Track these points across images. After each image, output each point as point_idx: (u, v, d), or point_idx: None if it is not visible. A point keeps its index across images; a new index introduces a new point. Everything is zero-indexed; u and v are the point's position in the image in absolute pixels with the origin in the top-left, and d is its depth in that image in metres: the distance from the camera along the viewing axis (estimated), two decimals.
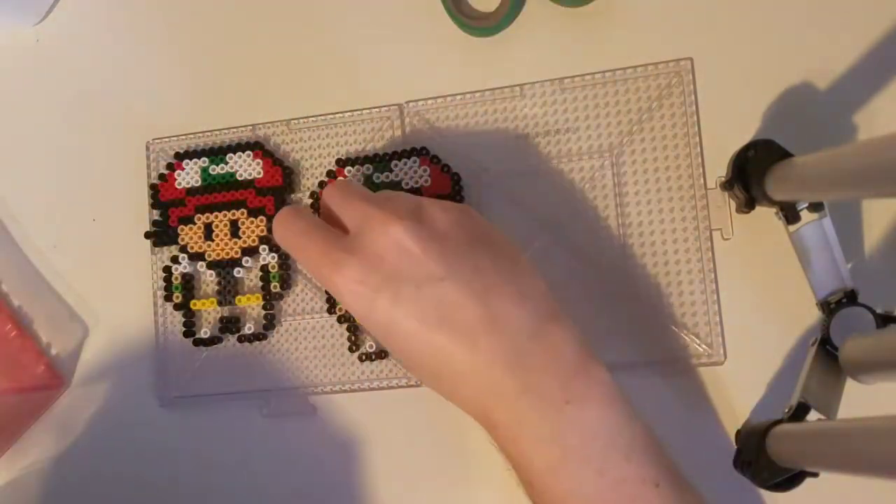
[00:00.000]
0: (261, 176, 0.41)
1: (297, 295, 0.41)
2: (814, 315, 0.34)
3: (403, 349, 0.31)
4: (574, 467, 0.29)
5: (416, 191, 0.39)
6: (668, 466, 0.30)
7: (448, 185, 0.38)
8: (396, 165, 0.39)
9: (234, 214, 0.41)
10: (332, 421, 0.40)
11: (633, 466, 0.29)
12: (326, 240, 0.32)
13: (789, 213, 0.33)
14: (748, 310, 0.35)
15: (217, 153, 0.42)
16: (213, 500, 0.41)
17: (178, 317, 0.42)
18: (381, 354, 0.39)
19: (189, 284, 0.42)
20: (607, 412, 0.29)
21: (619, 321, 0.36)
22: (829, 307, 0.33)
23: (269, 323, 0.40)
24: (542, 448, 0.29)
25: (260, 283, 0.41)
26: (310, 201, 0.40)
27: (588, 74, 0.38)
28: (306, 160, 0.41)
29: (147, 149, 0.43)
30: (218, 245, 0.41)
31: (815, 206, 0.33)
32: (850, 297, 0.33)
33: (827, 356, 0.33)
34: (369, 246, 0.31)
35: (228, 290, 0.41)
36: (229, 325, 0.41)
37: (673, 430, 0.36)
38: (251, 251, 0.41)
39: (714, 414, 0.35)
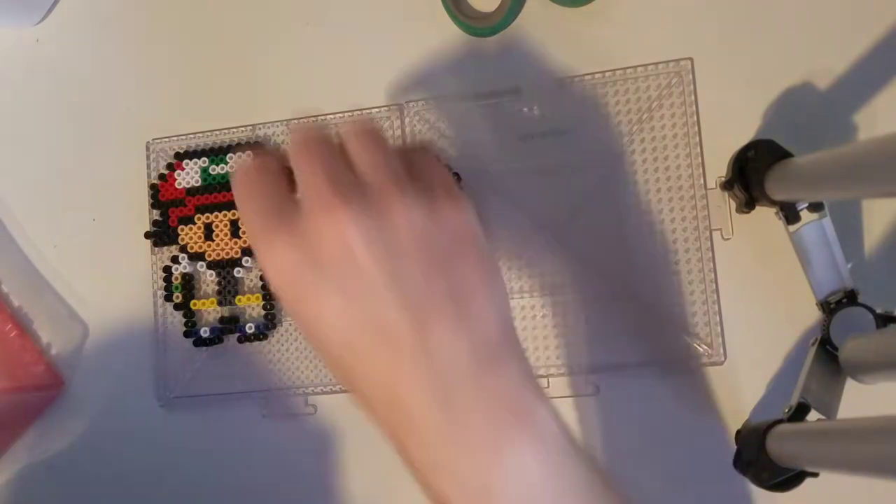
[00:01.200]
0: None
1: None
2: (814, 315, 0.34)
3: (325, 351, 0.28)
4: None
5: None
6: (612, 502, 0.28)
7: None
8: None
9: (234, 214, 0.41)
10: (332, 421, 0.40)
11: None
12: (269, 211, 0.28)
13: (789, 213, 0.33)
14: (748, 310, 0.35)
15: (217, 153, 0.42)
16: (213, 499, 0.41)
17: (178, 317, 0.42)
18: None
19: (189, 284, 0.42)
20: (541, 458, 0.27)
21: (620, 321, 0.36)
22: (829, 307, 0.33)
23: (270, 323, 0.40)
24: (468, 493, 0.26)
25: (260, 283, 0.41)
26: None
27: (588, 74, 0.38)
28: None
29: (147, 149, 0.43)
30: (218, 245, 0.41)
31: (815, 206, 0.33)
32: (850, 297, 0.33)
33: (827, 356, 0.33)
34: (312, 232, 0.27)
35: (228, 290, 0.41)
36: (229, 325, 0.41)
37: (673, 430, 0.36)
38: (251, 251, 0.41)
39: (714, 414, 0.35)
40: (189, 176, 0.42)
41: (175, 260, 0.42)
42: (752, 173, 0.33)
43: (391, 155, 0.29)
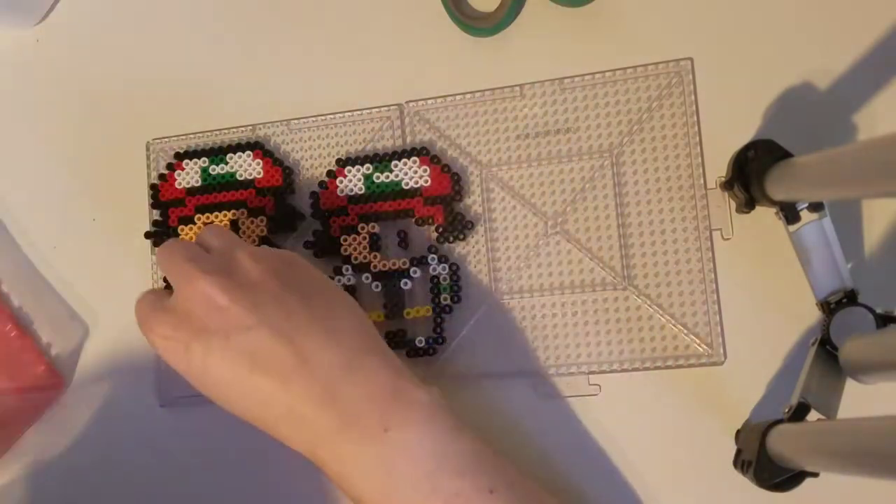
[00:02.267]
0: (261, 176, 0.41)
1: None
2: (814, 315, 0.34)
3: (224, 397, 0.32)
4: (406, 492, 0.30)
5: (415, 191, 0.39)
6: (503, 471, 0.31)
7: (448, 185, 0.38)
8: (396, 165, 0.39)
9: (234, 214, 0.41)
10: None
11: (466, 479, 0.30)
12: (149, 302, 0.33)
13: (789, 213, 0.33)
14: (748, 310, 0.35)
15: (217, 153, 0.42)
16: (214, 499, 0.41)
17: None
18: None
19: None
20: (429, 432, 0.31)
21: (620, 321, 0.36)
22: (829, 307, 0.33)
23: None
24: (371, 479, 0.30)
25: None
26: (310, 201, 0.40)
27: (588, 74, 0.38)
28: (306, 160, 0.41)
29: (147, 149, 0.43)
30: None
31: (815, 206, 0.33)
32: (850, 297, 0.33)
33: (827, 356, 0.33)
34: (180, 303, 0.32)
35: None
36: None
37: (673, 430, 0.36)
38: None
39: (714, 414, 0.35)
40: (189, 176, 0.42)
41: None
42: (752, 173, 0.33)
43: (234, 236, 0.36)
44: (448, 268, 0.38)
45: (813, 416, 0.30)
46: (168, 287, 0.40)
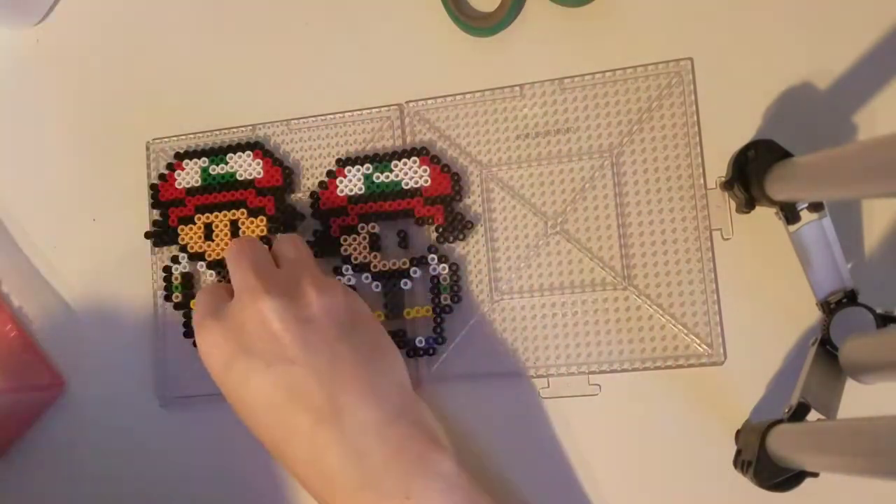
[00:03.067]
0: (261, 176, 0.41)
1: None
2: (814, 315, 0.34)
3: (253, 418, 0.32)
4: None
5: (415, 191, 0.39)
6: None
7: (448, 185, 0.38)
8: (396, 165, 0.39)
9: (234, 214, 0.41)
10: None
11: None
12: (206, 304, 0.33)
13: (789, 213, 0.33)
14: (748, 310, 0.35)
15: (217, 153, 0.42)
16: (214, 500, 0.41)
17: (178, 317, 0.42)
18: None
19: (189, 284, 0.42)
20: (452, 501, 0.30)
21: (619, 321, 0.36)
22: (829, 307, 0.33)
23: None
24: None
25: None
26: (310, 201, 0.40)
27: (588, 74, 0.38)
28: (306, 160, 0.41)
29: (147, 149, 0.43)
30: (218, 245, 0.41)
31: (815, 206, 0.33)
32: (850, 297, 0.33)
33: (827, 356, 0.33)
34: (236, 314, 0.32)
35: None
36: None
37: (673, 430, 0.36)
38: None
39: (714, 414, 0.35)
40: (189, 176, 0.42)
41: (175, 260, 0.42)
42: (752, 173, 0.33)
43: (308, 254, 0.35)
44: (448, 268, 0.38)
45: (813, 416, 0.30)
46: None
